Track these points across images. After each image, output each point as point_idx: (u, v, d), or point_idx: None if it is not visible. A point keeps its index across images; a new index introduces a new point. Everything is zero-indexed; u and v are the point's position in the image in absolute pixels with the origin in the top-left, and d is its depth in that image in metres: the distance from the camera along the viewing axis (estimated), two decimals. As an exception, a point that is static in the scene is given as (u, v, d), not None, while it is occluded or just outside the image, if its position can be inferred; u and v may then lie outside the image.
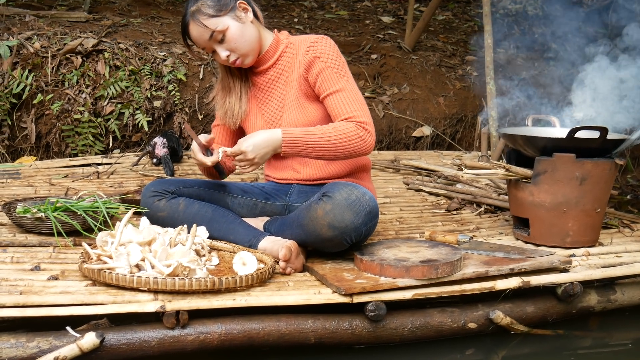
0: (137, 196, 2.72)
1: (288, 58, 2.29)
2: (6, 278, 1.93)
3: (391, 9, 5.35)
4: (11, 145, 3.50)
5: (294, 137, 2.09)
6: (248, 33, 2.20)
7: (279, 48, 2.29)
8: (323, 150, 2.10)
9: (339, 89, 2.17)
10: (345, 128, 2.11)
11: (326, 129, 2.11)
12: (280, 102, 2.31)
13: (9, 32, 3.64)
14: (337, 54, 2.21)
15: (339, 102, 2.16)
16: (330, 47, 2.21)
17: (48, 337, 1.71)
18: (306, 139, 2.09)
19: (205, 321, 1.82)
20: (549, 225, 2.42)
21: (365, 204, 2.03)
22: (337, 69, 2.19)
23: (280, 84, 2.30)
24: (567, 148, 2.35)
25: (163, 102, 3.63)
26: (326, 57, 2.19)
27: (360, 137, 2.11)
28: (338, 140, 2.09)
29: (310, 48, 2.20)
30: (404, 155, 3.76)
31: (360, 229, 2.04)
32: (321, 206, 2.03)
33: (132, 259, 1.92)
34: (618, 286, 2.27)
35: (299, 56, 2.24)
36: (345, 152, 2.11)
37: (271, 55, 2.29)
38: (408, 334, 1.98)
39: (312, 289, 1.98)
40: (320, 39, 2.22)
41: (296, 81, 2.25)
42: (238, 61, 2.22)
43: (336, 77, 2.18)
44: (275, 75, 2.31)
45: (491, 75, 3.67)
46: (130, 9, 4.43)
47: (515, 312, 2.09)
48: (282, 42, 2.30)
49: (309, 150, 2.11)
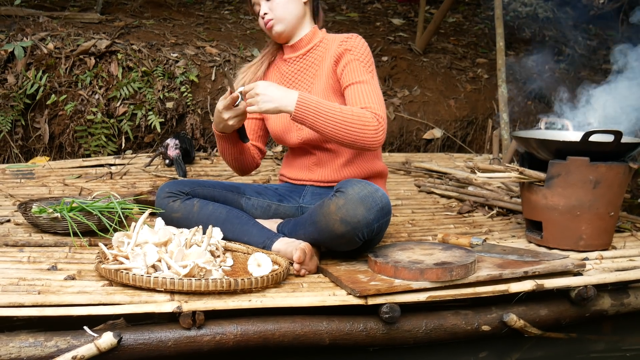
0: (150, 197, 2.74)
1: (320, 52, 2.33)
2: (24, 277, 1.95)
3: (402, 11, 5.36)
4: (25, 146, 3.52)
5: (310, 101, 2.06)
6: (293, 6, 2.29)
7: (313, 40, 2.35)
8: (333, 126, 2.06)
9: (362, 81, 2.19)
10: (362, 113, 2.09)
11: (344, 108, 2.10)
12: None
13: (23, 33, 3.66)
14: (367, 52, 2.26)
15: (359, 92, 2.18)
16: (362, 44, 2.27)
17: (66, 337, 1.72)
18: (321, 107, 2.06)
19: (221, 322, 1.84)
20: (562, 229, 2.42)
21: (377, 200, 2.04)
22: (364, 63, 2.23)
23: (309, 76, 2.34)
24: (581, 151, 2.35)
25: (175, 104, 3.65)
26: (357, 51, 2.24)
27: (374, 127, 2.09)
28: (352, 121, 2.06)
29: (343, 42, 2.26)
30: (415, 158, 3.76)
31: (373, 224, 2.05)
32: (334, 201, 2.04)
33: (148, 260, 1.93)
34: (631, 290, 2.27)
35: (331, 50, 2.28)
36: (354, 136, 2.07)
37: (304, 44, 2.34)
38: (422, 336, 1.99)
39: (326, 290, 1.98)
40: (354, 36, 2.28)
41: (325, 75, 2.29)
42: (270, 23, 2.28)
43: (362, 69, 2.21)
44: (304, 67, 2.35)
45: (503, 78, 3.67)
46: (143, 10, 4.46)
47: (528, 315, 2.09)
48: (318, 35, 2.36)
49: (319, 122, 2.06)
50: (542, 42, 4.93)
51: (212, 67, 3.83)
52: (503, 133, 3.63)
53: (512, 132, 2.85)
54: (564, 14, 5.32)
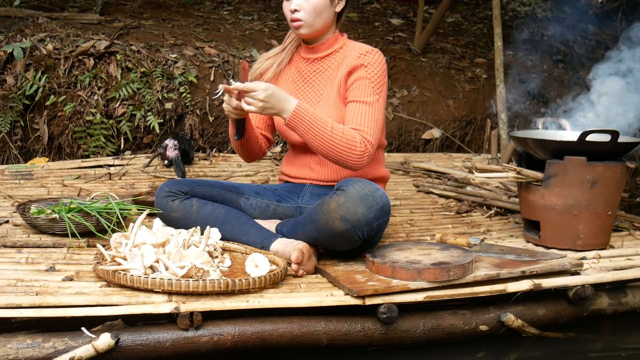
0: (149, 197, 2.75)
1: (338, 57, 2.33)
2: (22, 279, 1.95)
3: (400, 11, 5.36)
4: (24, 147, 3.53)
5: (305, 113, 2.09)
6: (326, 14, 2.26)
7: (334, 45, 2.34)
8: (321, 141, 2.10)
9: (366, 102, 2.20)
10: (351, 136, 2.12)
11: (336, 126, 2.12)
12: (317, 95, 2.34)
13: (22, 34, 3.67)
14: (382, 72, 2.24)
15: (358, 112, 2.19)
16: (379, 62, 2.24)
17: (64, 338, 1.73)
18: (314, 121, 2.10)
19: (218, 322, 1.84)
20: (560, 228, 2.42)
21: (378, 199, 2.06)
22: (374, 83, 2.22)
23: (323, 78, 2.34)
24: (578, 151, 2.36)
25: (174, 104, 3.65)
26: (371, 69, 2.23)
27: (360, 152, 2.12)
28: (339, 142, 2.11)
29: (362, 56, 2.24)
30: (414, 158, 3.77)
31: (372, 223, 2.06)
32: (334, 199, 2.05)
33: (146, 261, 1.93)
34: (629, 289, 2.28)
35: (349, 59, 2.28)
36: (338, 155, 2.12)
37: (325, 47, 2.34)
38: (420, 336, 1.99)
39: (324, 291, 1.99)
40: (374, 52, 2.26)
41: (338, 80, 2.29)
42: (297, 22, 2.25)
43: (370, 90, 2.21)
44: (321, 69, 2.35)
45: (501, 77, 3.68)
46: (142, 10, 4.46)
47: (526, 315, 2.10)
48: (339, 41, 2.35)
49: (309, 134, 2.10)
50: (541, 42, 4.93)
51: (211, 68, 3.83)
52: (501, 133, 3.64)
53: (510, 132, 2.85)
54: (563, 13, 5.33)
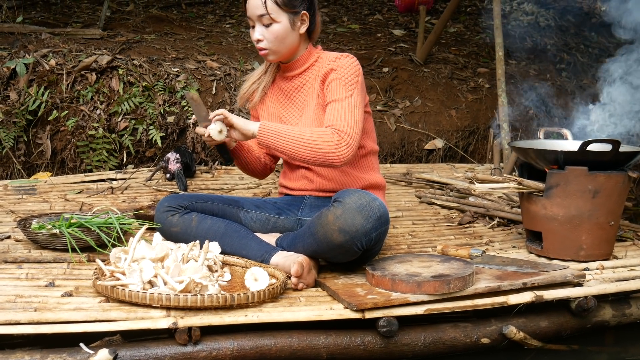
0: (150, 211, 2.75)
1: (314, 70, 2.35)
2: (21, 294, 1.95)
3: (402, 22, 5.37)
4: (27, 162, 3.54)
5: (269, 126, 2.18)
6: (290, 39, 2.29)
7: (308, 60, 2.36)
8: (293, 145, 2.15)
9: (337, 99, 2.22)
10: (321, 131, 2.17)
11: (303, 129, 2.18)
12: (299, 110, 2.37)
13: (25, 50, 3.70)
14: (353, 71, 2.26)
15: (331, 110, 2.22)
16: (349, 63, 2.26)
17: (62, 354, 1.72)
18: (281, 130, 2.17)
19: (217, 337, 1.83)
20: (562, 239, 2.40)
21: (375, 209, 2.05)
22: (345, 82, 2.23)
23: (302, 94, 2.37)
24: (580, 161, 2.34)
25: (176, 118, 3.66)
26: (342, 71, 2.25)
27: (334, 143, 2.14)
28: (309, 139, 2.14)
29: (331, 62, 2.27)
30: (416, 169, 3.76)
31: (371, 233, 2.05)
32: (332, 211, 2.05)
33: (144, 276, 1.93)
34: (633, 300, 2.25)
35: (322, 69, 2.30)
36: (314, 153, 2.14)
37: (300, 64, 2.36)
38: (420, 349, 1.98)
39: (324, 304, 1.98)
40: (344, 56, 2.29)
41: (316, 92, 2.31)
42: (263, 51, 2.30)
43: (341, 88, 2.23)
44: (299, 85, 2.37)
45: (503, 87, 3.67)
46: (144, 25, 4.49)
47: (528, 327, 2.08)
48: (313, 55, 2.37)
49: (281, 143, 2.16)
50: (544, 51, 4.92)
51: (213, 81, 3.84)
52: (503, 143, 3.62)
53: (511, 142, 2.84)
54: (566, 22, 5.32)
